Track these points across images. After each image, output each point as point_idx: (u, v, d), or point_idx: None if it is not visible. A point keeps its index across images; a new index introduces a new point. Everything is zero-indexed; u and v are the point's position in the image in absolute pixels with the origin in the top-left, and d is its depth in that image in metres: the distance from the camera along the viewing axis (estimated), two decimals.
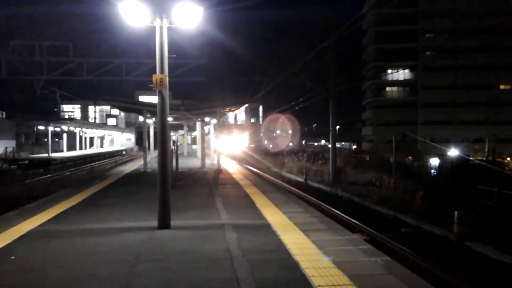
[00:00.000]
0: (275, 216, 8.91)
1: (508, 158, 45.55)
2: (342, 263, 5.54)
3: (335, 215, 13.95)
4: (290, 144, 63.02)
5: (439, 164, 26.09)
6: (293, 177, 27.41)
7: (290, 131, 71.99)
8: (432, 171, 26.72)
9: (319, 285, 4.76)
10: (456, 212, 11.10)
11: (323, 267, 5.42)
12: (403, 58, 61.00)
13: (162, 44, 7.79)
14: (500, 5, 55.24)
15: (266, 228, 7.85)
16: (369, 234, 11.77)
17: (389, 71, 62.68)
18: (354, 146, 77.00)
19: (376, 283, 4.81)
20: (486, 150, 45.37)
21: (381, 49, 63.77)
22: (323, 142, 71.91)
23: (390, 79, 65.11)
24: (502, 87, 61.66)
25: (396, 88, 66.89)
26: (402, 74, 65.02)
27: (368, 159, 41.21)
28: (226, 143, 22.60)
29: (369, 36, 65.47)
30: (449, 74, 60.22)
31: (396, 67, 61.29)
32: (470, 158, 25.34)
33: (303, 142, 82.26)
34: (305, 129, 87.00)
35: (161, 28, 7.76)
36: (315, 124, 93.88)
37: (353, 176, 23.98)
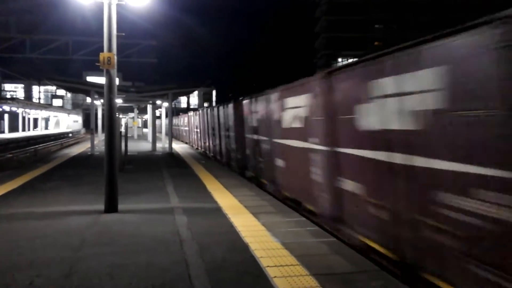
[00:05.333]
0: (226, 200, 8.92)
1: None
2: (290, 244, 5.64)
3: None
4: None
5: None
6: None
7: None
8: None
9: (267, 266, 4.83)
10: None
11: (271, 248, 5.50)
12: (353, 48, 62.54)
13: (110, 21, 7.50)
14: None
15: (217, 211, 7.84)
16: None
17: (340, 59, 64.16)
18: None
19: (322, 263, 4.94)
20: None
21: (332, 38, 64.93)
22: None
23: None
24: None
25: None
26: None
27: None
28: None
29: (321, 24, 66.43)
30: None
31: (346, 56, 62.82)
32: None
33: None
34: None
35: (109, 4, 7.46)
36: None
37: None
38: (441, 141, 4.17)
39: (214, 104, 74.45)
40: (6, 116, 44.22)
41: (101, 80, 9.31)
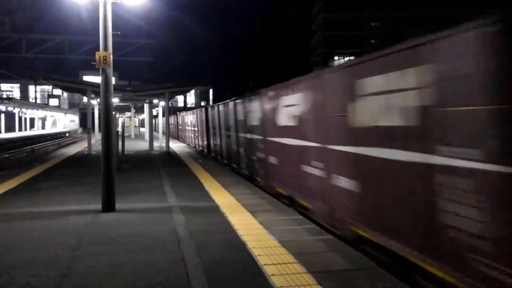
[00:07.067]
0: (223, 198, 8.93)
1: None
2: (287, 242, 5.65)
3: None
4: None
5: None
6: None
7: None
8: None
9: (265, 264, 4.84)
10: None
11: (269, 246, 5.51)
12: (350, 45, 62.64)
13: (106, 19, 7.48)
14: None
15: (214, 210, 7.85)
16: None
17: (336, 57, 64.25)
18: None
19: (319, 260, 4.95)
20: None
21: (329, 36, 65.00)
22: None
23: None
24: None
25: None
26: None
27: None
28: None
29: (318, 22, 66.47)
30: None
31: (343, 54, 62.92)
32: None
33: None
34: None
35: (104, 3, 7.44)
36: None
37: None
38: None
39: (211, 103, 74.40)
40: (2, 116, 44.04)
41: (97, 79, 9.29)
